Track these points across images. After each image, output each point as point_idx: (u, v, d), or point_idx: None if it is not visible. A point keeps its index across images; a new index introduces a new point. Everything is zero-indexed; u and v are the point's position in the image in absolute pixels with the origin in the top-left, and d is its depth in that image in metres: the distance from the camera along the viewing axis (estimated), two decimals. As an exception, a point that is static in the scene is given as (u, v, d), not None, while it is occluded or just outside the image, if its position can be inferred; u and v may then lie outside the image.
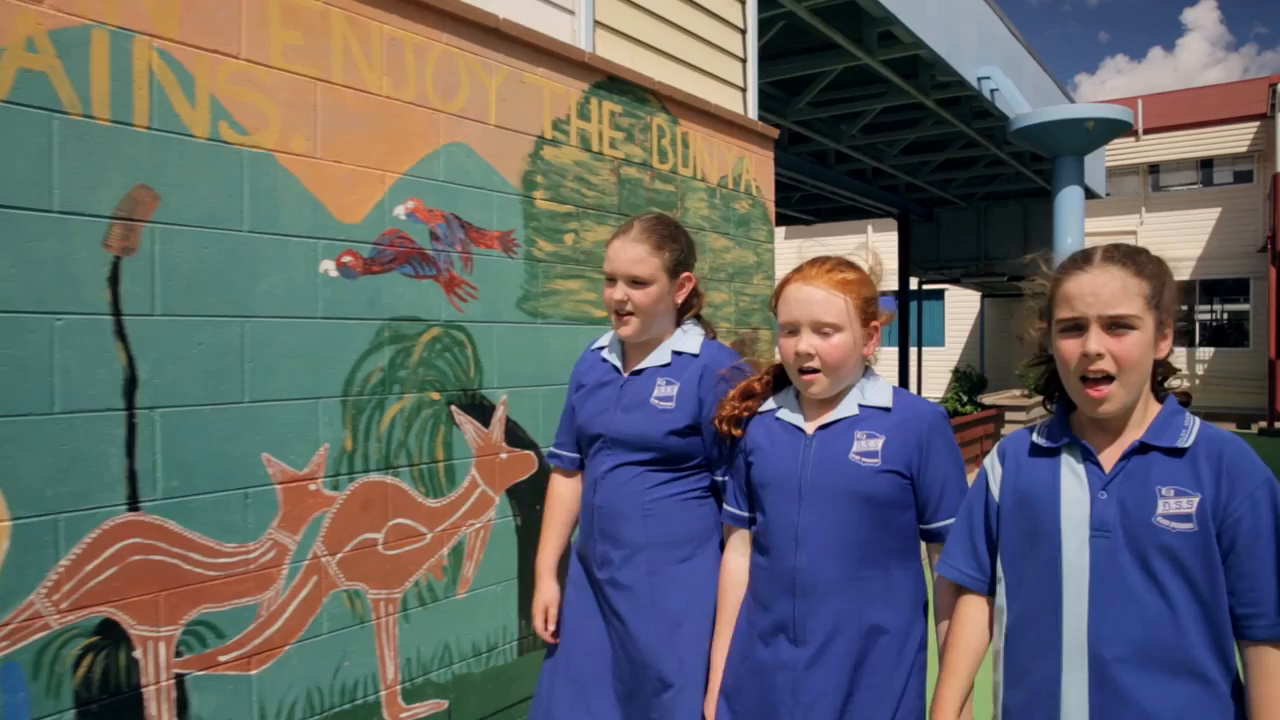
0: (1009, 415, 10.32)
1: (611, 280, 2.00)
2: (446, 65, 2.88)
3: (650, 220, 2.04)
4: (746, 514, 1.83)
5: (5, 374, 1.92)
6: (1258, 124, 17.87)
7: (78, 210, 2.03)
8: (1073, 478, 1.42)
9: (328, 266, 2.53)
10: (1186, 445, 1.37)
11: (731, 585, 1.85)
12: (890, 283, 18.26)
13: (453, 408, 2.89)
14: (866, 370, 1.76)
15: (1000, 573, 1.51)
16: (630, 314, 1.98)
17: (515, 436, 3.12)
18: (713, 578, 1.96)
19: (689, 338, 2.05)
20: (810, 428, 1.71)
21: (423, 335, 2.80)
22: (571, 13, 3.53)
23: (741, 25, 4.69)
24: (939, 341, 20.96)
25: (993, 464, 1.57)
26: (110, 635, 2.08)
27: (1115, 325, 1.35)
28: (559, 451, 2.22)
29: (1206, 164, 18.96)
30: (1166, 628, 1.32)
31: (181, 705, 2.21)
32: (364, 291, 2.62)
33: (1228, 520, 1.31)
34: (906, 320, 14.36)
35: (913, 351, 15.54)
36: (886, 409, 1.69)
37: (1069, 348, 1.39)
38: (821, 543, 1.64)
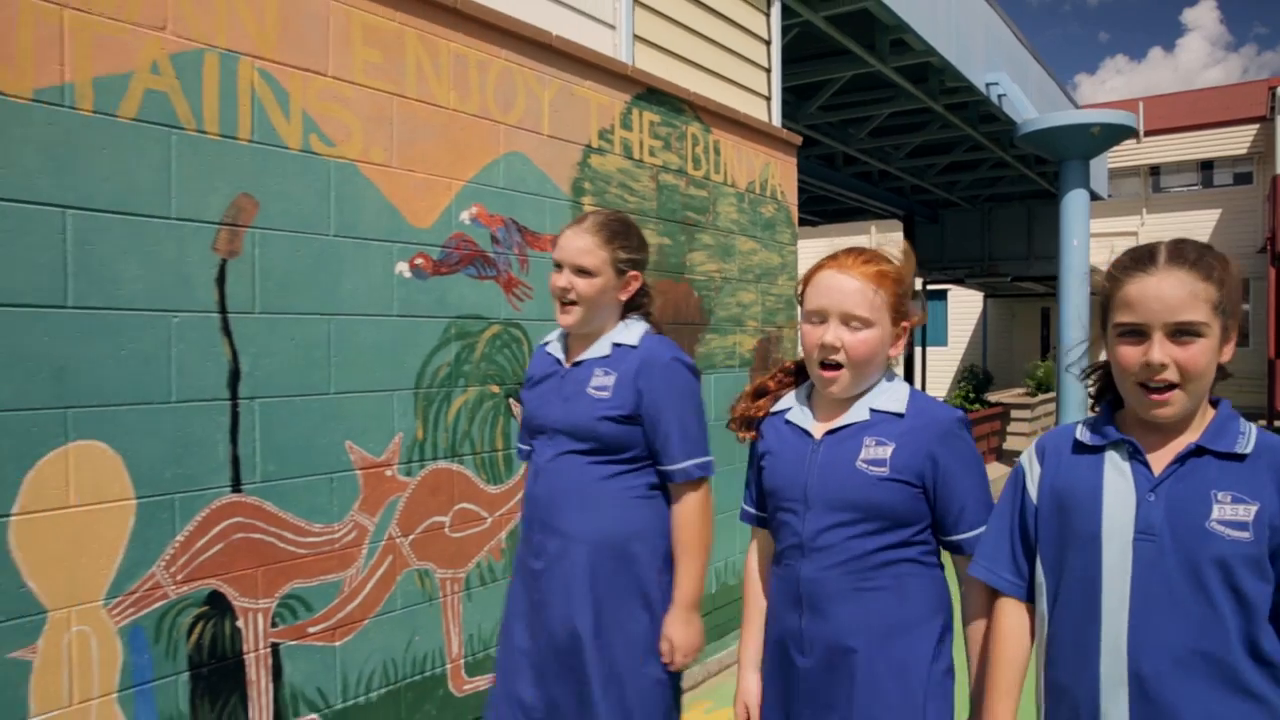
0: (1014, 413, 10.51)
1: (558, 267, 2.02)
2: (505, 79, 3.08)
3: (604, 215, 2.08)
4: (759, 513, 1.78)
5: (131, 366, 2.11)
6: (1257, 126, 18.08)
7: (191, 217, 2.22)
8: (1118, 477, 1.33)
9: (402, 268, 2.72)
10: (1246, 451, 1.28)
11: (755, 585, 1.80)
12: (895, 283, 18.47)
13: (510, 400, 3.09)
14: (888, 372, 1.66)
15: (1040, 578, 1.42)
16: (573, 303, 1.99)
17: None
18: (652, 577, 1.98)
19: (630, 331, 2.05)
20: (818, 432, 1.62)
21: (484, 332, 3.00)
22: (613, 27, 3.73)
23: (766, 37, 4.89)
24: (942, 341, 21.18)
25: (1030, 462, 1.47)
26: (217, 606, 2.28)
27: (1181, 333, 1.26)
28: (523, 446, 2.24)
29: (1207, 166, 19.17)
30: (1214, 639, 1.23)
31: (276, 672, 2.41)
32: (433, 291, 2.82)
33: None
34: (911, 320, 14.57)
35: (918, 351, 15.73)
36: (899, 415, 1.58)
37: (1129, 354, 1.30)
38: (827, 554, 1.55)
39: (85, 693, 2.03)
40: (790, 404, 1.70)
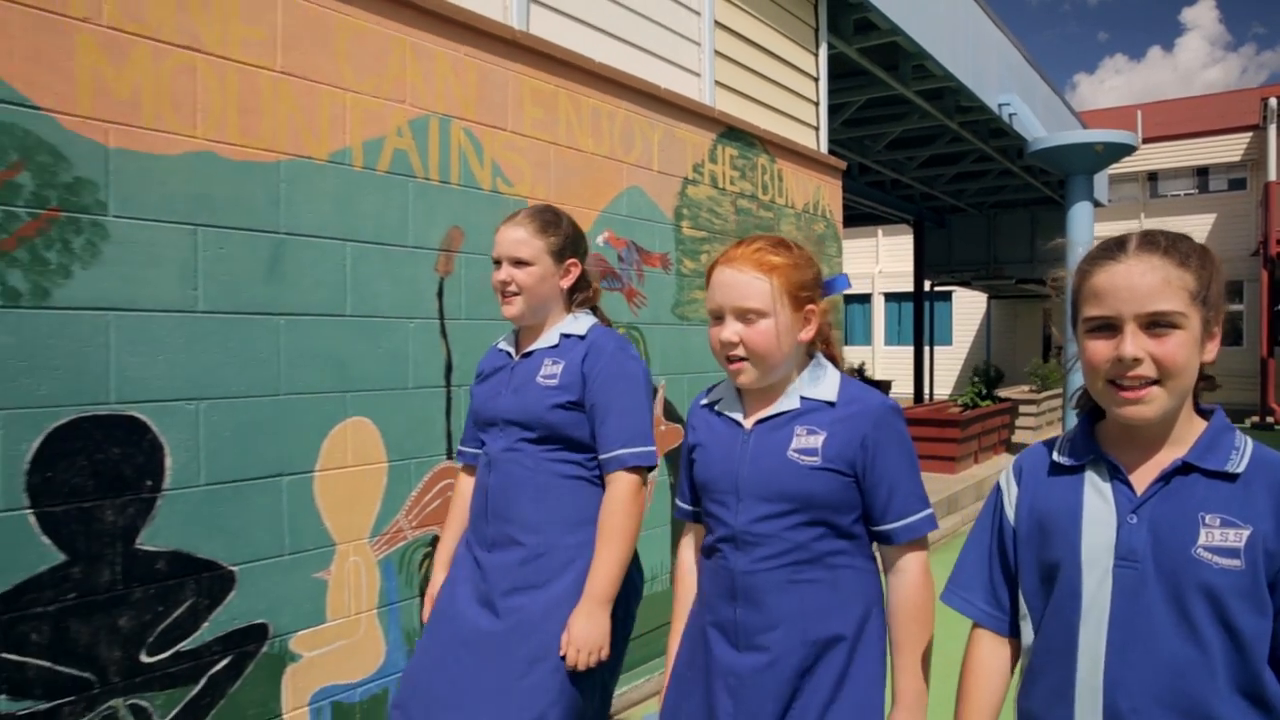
0: (1022, 409, 11.20)
1: (497, 263, 2.06)
2: (626, 126, 3.75)
3: (536, 208, 2.11)
4: (694, 508, 1.74)
5: (385, 360, 2.77)
6: (1251, 134, 18.80)
7: (421, 245, 2.89)
8: (1098, 498, 1.22)
9: (557, 283, 3.39)
10: (1238, 470, 1.15)
11: (685, 583, 1.75)
12: (906, 285, 19.17)
13: (631, 390, 3.76)
14: (814, 359, 1.62)
15: (1023, 609, 1.31)
16: (515, 294, 2.02)
17: (670, 413, 3.99)
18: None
19: (578, 323, 2.08)
20: (749, 422, 1.59)
21: (613, 334, 3.67)
22: (698, 75, 4.40)
23: (815, 74, 5.56)
24: (947, 341, 21.88)
25: (1008, 483, 1.37)
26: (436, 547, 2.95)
27: (1155, 324, 1.14)
28: (463, 449, 2.26)
29: (1202, 172, 19.90)
30: (1197, 678, 1.12)
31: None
32: (578, 301, 3.49)
33: None
34: (921, 320, 15.25)
35: (925, 350, 16.42)
36: (831, 403, 1.55)
37: (1099, 350, 1.18)
38: (760, 545, 1.52)
39: (358, 608, 2.70)
40: (721, 395, 1.68)
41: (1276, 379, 16.46)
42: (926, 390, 16.13)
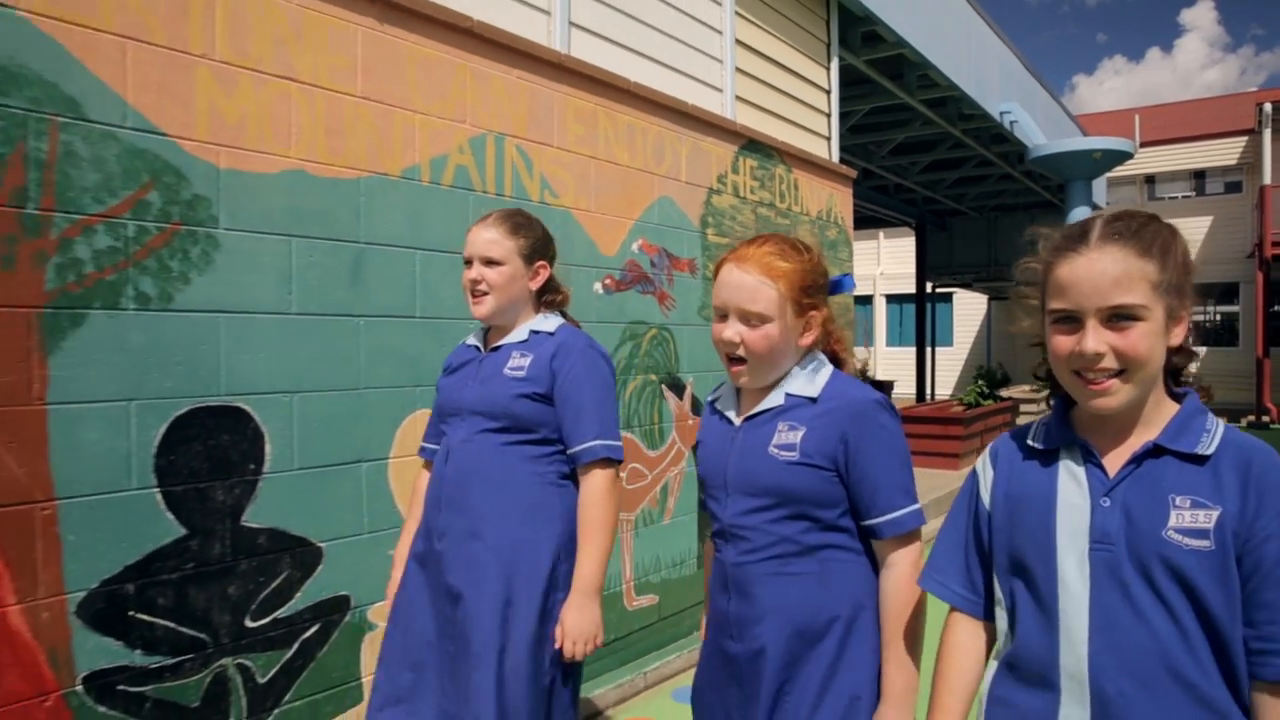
0: (1023, 407, 11.48)
1: (468, 263, 2.09)
2: (657, 140, 4.02)
3: (507, 210, 2.14)
4: None
5: (413, 357, 3.03)
6: (1246, 138, 19.10)
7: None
8: (1071, 482, 1.24)
9: (597, 286, 3.66)
10: (1208, 452, 1.16)
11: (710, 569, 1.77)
12: (907, 287, 19.48)
13: (663, 386, 4.03)
14: (810, 359, 1.61)
15: (998, 593, 1.32)
16: (485, 293, 2.04)
17: (698, 408, 4.26)
18: (545, 565, 1.96)
19: (548, 321, 2.11)
20: (739, 420, 1.62)
21: (646, 334, 3.94)
22: (721, 90, 4.67)
23: (827, 87, 5.83)
24: (948, 341, 22.18)
25: (984, 467, 1.38)
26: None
27: (1117, 317, 1.15)
28: (425, 445, 2.25)
29: (1199, 175, 20.21)
30: (1178, 658, 1.13)
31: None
32: (616, 303, 3.76)
33: (1253, 540, 1.11)
34: (924, 322, 15.53)
35: (927, 351, 16.70)
36: (813, 399, 1.55)
37: (1063, 343, 1.19)
38: (747, 539, 1.55)
39: (426, 581, 2.96)
40: (722, 393, 1.71)
41: (1272, 379, 16.75)
42: (928, 390, 16.41)
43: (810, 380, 1.58)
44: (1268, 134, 16.83)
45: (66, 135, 2.11)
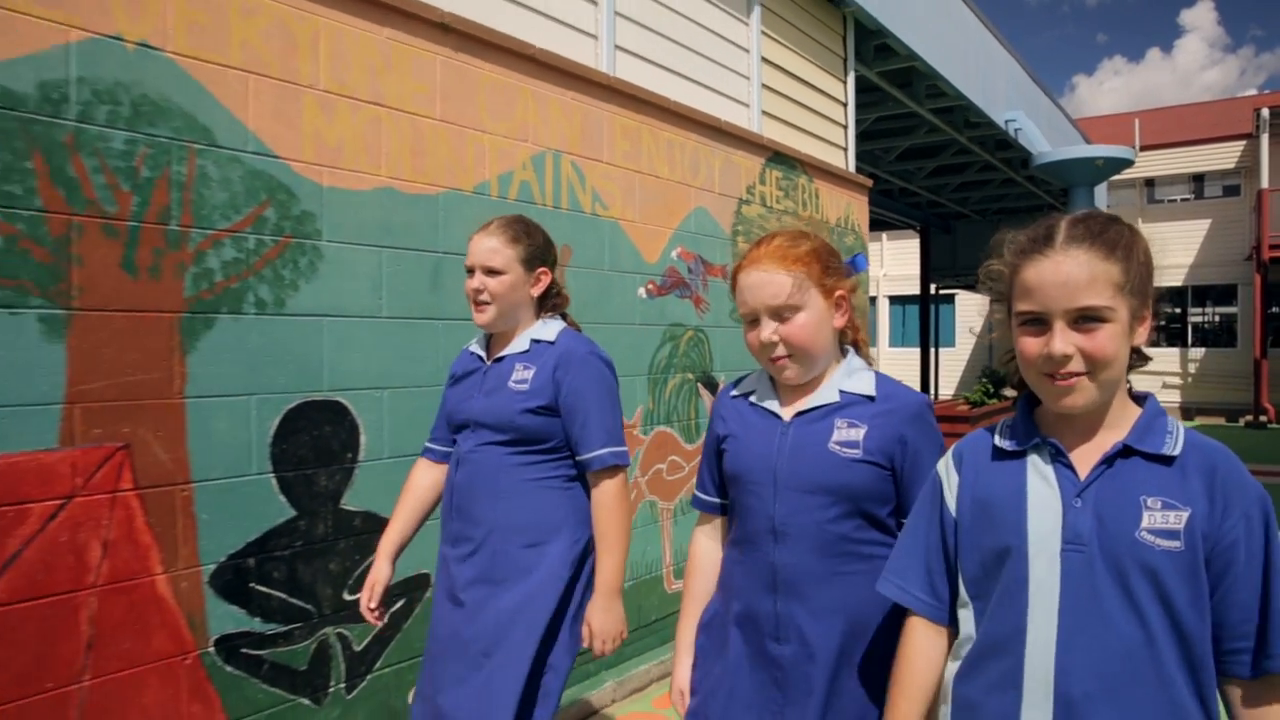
0: (1027, 407, 11.75)
1: (470, 272, 2.08)
2: (693, 155, 4.30)
3: (508, 218, 2.15)
4: (719, 500, 1.72)
5: (513, 357, 3.31)
6: (1244, 143, 19.41)
7: (539, 261, 3.43)
8: (1042, 482, 1.23)
9: (640, 291, 3.94)
10: (1174, 453, 1.19)
11: (700, 571, 1.74)
12: (909, 288, 19.76)
13: (699, 384, 4.31)
14: (845, 351, 1.63)
15: (964, 596, 1.31)
16: (486, 303, 2.05)
17: (729, 405, 4.55)
18: (561, 567, 1.99)
19: (548, 328, 2.11)
20: (787, 414, 1.58)
21: (684, 336, 4.21)
22: (747, 106, 4.95)
23: (843, 99, 6.12)
24: (950, 342, 22.47)
25: (947, 471, 1.36)
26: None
27: (1083, 319, 1.17)
28: (430, 445, 2.28)
29: (1198, 179, 20.50)
30: (1144, 660, 1.14)
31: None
32: (657, 307, 4.04)
33: (1221, 543, 1.14)
34: (928, 323, 15.82)
35: (931, 351, 16.98)
36: (870, 397, 1.55)
37: (1031, 345, 1.20)
38: (801, 536, 1.52)
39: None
40: (753, 387, 1.68)
41: (1270, 379, 17.05)
42: (932, 390, 16.68)
43: (858, 377, 1.58)
44: (1265, 139, 17.13)
45: (201, 160, 2.38)
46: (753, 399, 1.65)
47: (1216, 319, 20.07)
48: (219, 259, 2.43)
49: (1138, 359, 1.26)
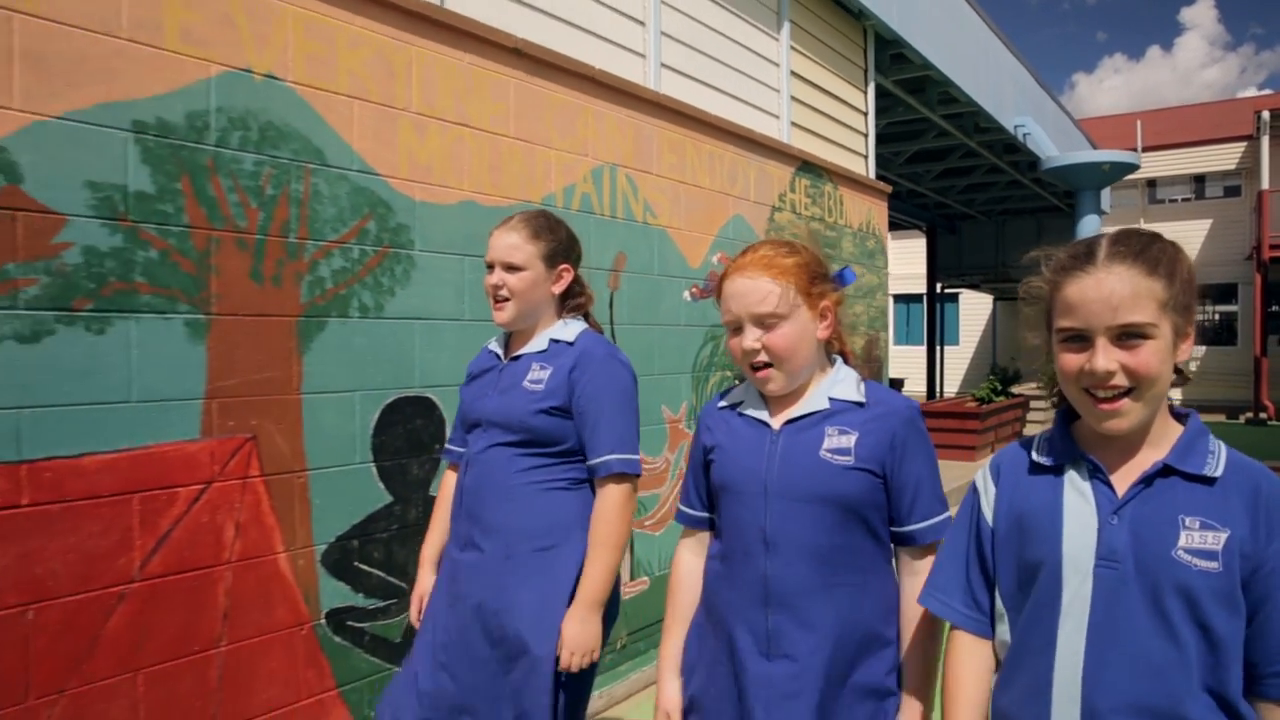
0: (1033, 403, 12.04)
1: (490, 268, 2.04)
2: (730, 165, 4.56)
3: (530, 213, 2.09)
4: (705, 514, 1.68)
5: (575, 357, 3.57)
6: (1245, 144, 19.68)
7: (600, 266, 3.69)
8: (1079, 498, 1.23)
9: (685, 295, 4.20)
10: (1216, 474, 1.17)
11: (684, 588, 1.69)
12: (913, 287, 20.02)
13: (736, 380, 4.56)
14: (832, 358, 1.62)
15: (1000, 608, 1.32)
16: (506, 299, 2.01)
17: (764, 401, 4.81)
18: (572, 571, 1.94)
19: (568, 329, 2.06)
20: (776, 423, 1.55)
21: (723, 336, 4.47)
22: (778, 117, 5.21)
23: (864, 109, 6.37)
24: (954, 340, 22.75)
25: (985, 483, 1.37)
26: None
27: (1127, 335, 1.16)
28: (450, 447, 2.25)
29: (1199, 179, 20.79)
30: (1174, 678, 1.14)
31: (630, 549, 3.88)
32: (699, 310, 4.30)
33: (1263, 568, 1.13)
34: (934, 321, 16.09)
35: (937, 350, 17.25)
36: (860, 404, 1.54)
37: (1072, 361, 1.20)
38: (794, 547, 1.49)
39: (559, 546, 3.50)
40: (741, 397, 1.65)
41: (1270, 377, 17.32)
42: (938, 388, 16.95)
43: (845, 383, 1.57)
44: (1265, 140, 17.40)
45: (315, 179, 2.64)
46: (740, 409, 1.62)
47: (1217, 317, 20.34)
48: (329, 268, 2.68)
49: (1178, 378, 1.25)
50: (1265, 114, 17.33)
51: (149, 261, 2.26)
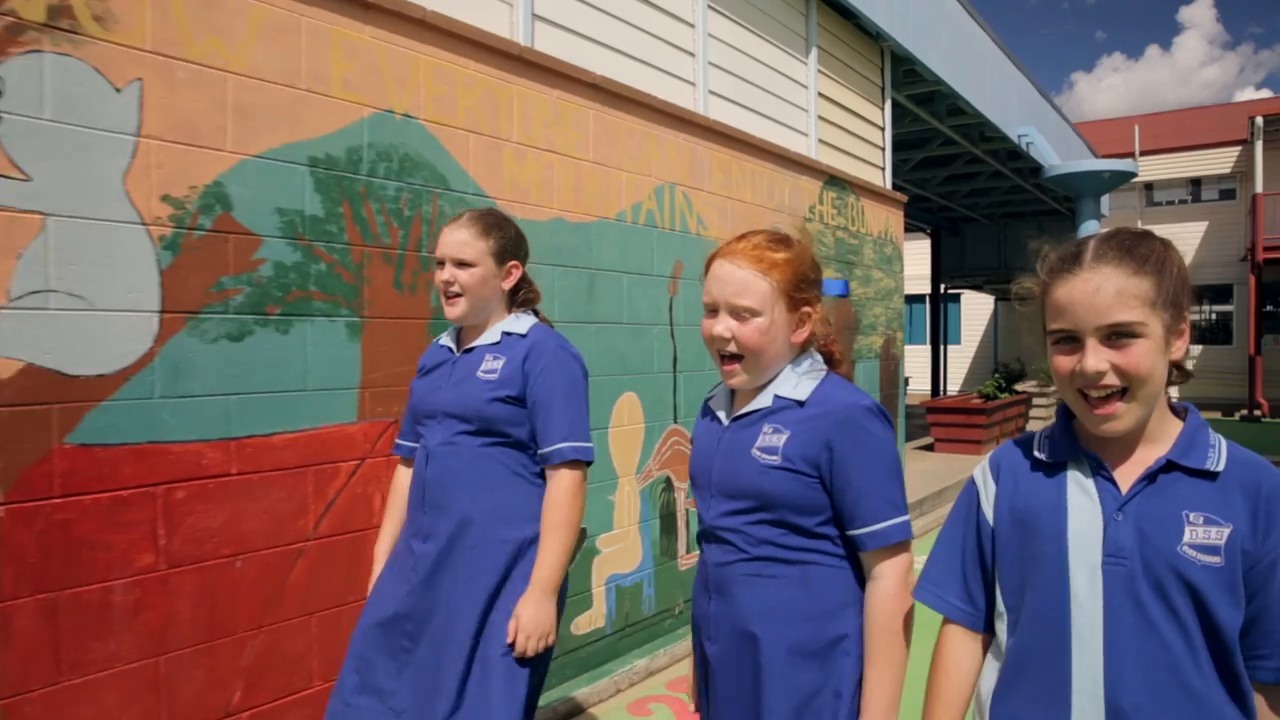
0: (1035, 400, 12.53)
1: (441, 264, 2.07)
2: (768, 180, 5.03)
3: (479, 211, 2.14)
4: None
5: (643, 353, 4.04)
6: (1239, 149, 20.18)
7: (660, 274, 4.16)
8: (1082, 495, 1.23)
9: (732, 298, 4.67)
10: (1218, 469, 1.18)
11: None
12: (915, 288, 20.50)
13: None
14: (804, 358, 1.57)
15: (1000, 606, 1.31)
16: (458, 295, 2.04)
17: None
18: (533, 559, 1.97)
19: (519, 322, 2.12)
20: (727, 419, 1.58)
21: (764, 335, 4.95)
22: (806, 135, 5.68)
23: (881, 124, 6.85)
24: (956, 340, 23.26)
25: (984, 479, 1.36)
26: (668, 484, 4.22)
27: (1116, 335, 1.16)
28: (401, 442, 2.26)
29: (1195, 183, 21.30)
30: (1188, 671, 1.14)
31: (686, 522, 4.35)
32: (743, 311, 4.77)
33: (1261, 561, 1.14)
34: (939, 322, 16.59)
35: (941, 349, 17.74)
36: (800, 403, 1.50)
37: (1064, 363, 1.20)
38: (728, 540, 1.52)
39: (629, 521, 3.97)
40: (716, 391, 1.67)
41: (1264, 375, 17.82)
42: (942, 386, 17.44)
43: (800, 382, 1.53)
44: (1259, 145, 17.89)
45: (441, 201, 3.10)
46: (711, 404, 1.67)
47: (1213, 317, 20.84)
48: (451, 278, 3.15)
49: (1179, 374, 1.25)
50: (1259, 120, 17.82)
51: (320, 273, 2.72)
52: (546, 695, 3.48)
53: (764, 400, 1.53)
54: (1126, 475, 1.22)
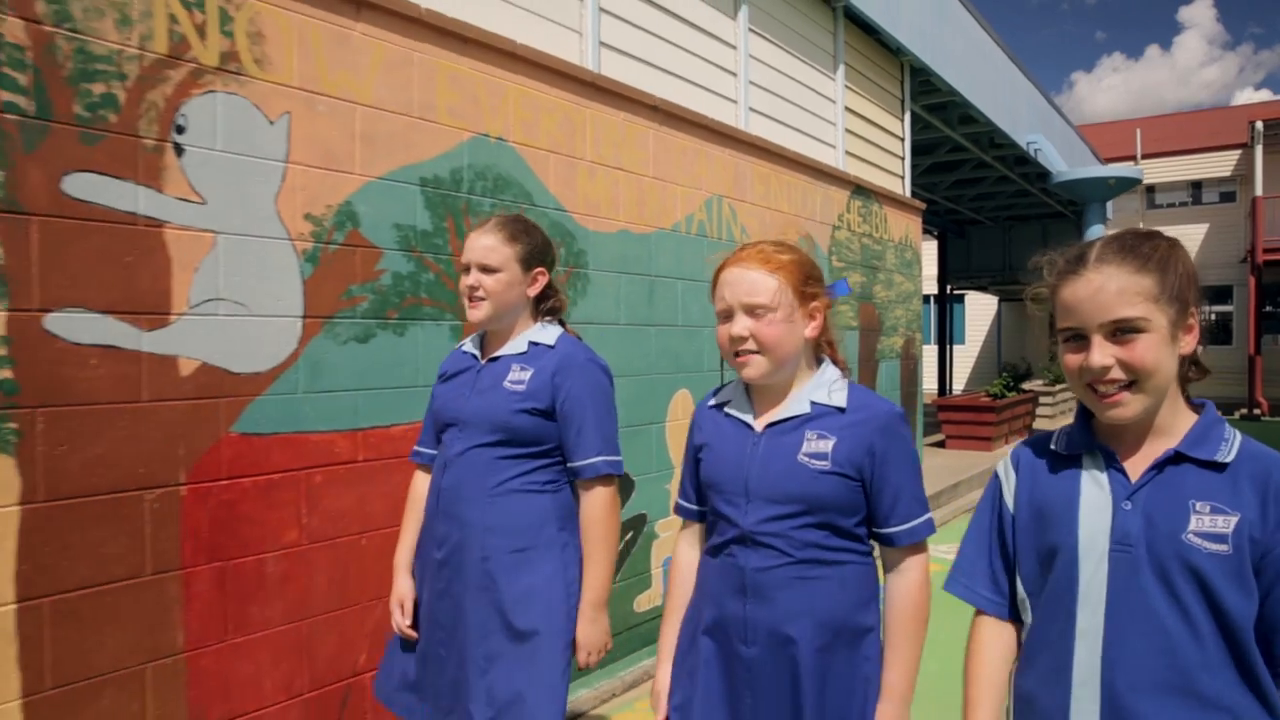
0: (1041, 399, 12.88)
1: (467, 269, 2.06)
2: (803, 192, 5.36)
3: (506, 216, 2.14)
4: (698, 507, 1.75)
5: (694, 353, 4.36)
6: (1240, 152, 20.53)
7: (702, 279, 4.47)
8: (1094, 485, 1.28)
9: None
10: (1228, 460, 1.20)
11: (682, 579, 1.77)
12: (930, 289, 20.82)
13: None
14: (820, 361, 1.65)
15: (1021, 593, 1.37)
16: (481, 299, 2.03)
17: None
18: (550, 570, 1.99)
19: (546, 332, 2.10)
20: (759, 425, 1.61)
21: (799, 336, 5.28)
22: (834, 147, 6.01)
23: (901, 134, 7.18)
24: (960, 340, 23.61)
25: (1006, 472, 1.42)
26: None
27: (1120, 330, 1.21)
28: (420, 449, 2.25)
29: (1196, 185, 21.64)
30: (1191, 656, 1.17)
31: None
32: (781, 314, 5.09)
33: (1274, 551, 1.16)
34: (945, 322, 16.93)
35: (947, 349, 18.07)
36: (841, 409, 1.57)
37: (1072, 360, 1.25)
38: (770, 545, 1.55)
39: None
40: (729, 397, 1.70)
41: (1264, 375, 18.17)
42: (949, 385, 17.77)
43: (830, 388, 1.60)
44: (1259, 149, 18.24)
45: (528, 216, 3.42)
46: (728, 409, 1.68)
47: (1214, 318, 21.15)
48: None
49: (1196, 371, 1.30)
50: (1259, 124, 18.16)
51: (429, 282, 3.05)
52: (616, 666, 3.80)
53: (800, 406, 1.59)
54: (1137, 466, 1.26)
